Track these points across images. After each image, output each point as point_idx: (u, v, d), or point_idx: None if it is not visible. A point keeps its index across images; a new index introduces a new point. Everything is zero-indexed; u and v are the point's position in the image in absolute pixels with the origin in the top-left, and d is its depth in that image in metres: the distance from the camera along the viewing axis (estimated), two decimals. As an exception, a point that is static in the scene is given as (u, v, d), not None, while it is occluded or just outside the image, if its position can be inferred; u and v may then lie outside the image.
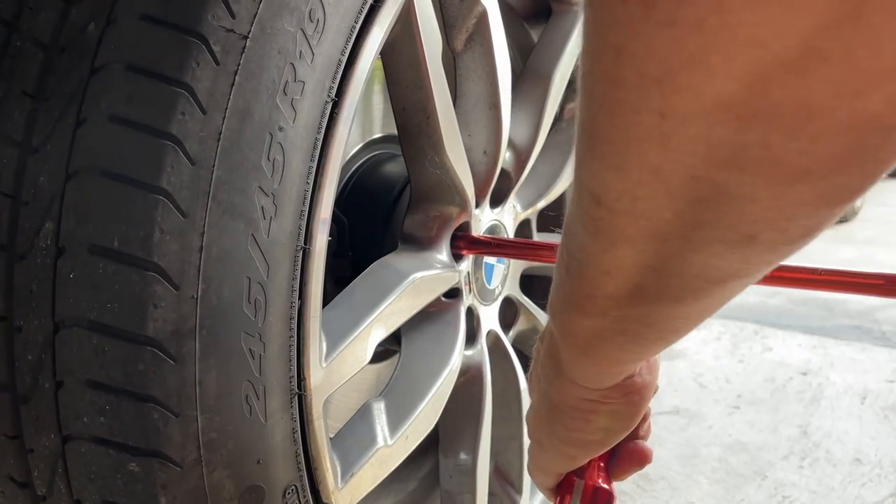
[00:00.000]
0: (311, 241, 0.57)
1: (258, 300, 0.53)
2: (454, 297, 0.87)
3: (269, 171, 0.52)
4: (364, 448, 0.69)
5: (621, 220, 0.29)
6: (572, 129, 1.09)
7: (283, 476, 0.57)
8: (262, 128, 0.52)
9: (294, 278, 0.55)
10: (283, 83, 0.53)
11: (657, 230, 0.29)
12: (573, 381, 0.44)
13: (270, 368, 0.54)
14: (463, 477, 0.89)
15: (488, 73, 0.82)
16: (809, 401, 1.85)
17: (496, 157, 0.87)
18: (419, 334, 0.84)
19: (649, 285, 0.32)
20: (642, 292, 0.33)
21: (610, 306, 0.35)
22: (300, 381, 0.58)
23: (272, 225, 0.53)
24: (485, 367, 0.91)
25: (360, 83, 0.61)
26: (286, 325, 0.55)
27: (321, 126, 0.56)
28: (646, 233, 0.29)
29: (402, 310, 0.72)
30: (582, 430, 0.47)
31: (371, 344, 0.67)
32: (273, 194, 0.53)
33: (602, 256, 0.32)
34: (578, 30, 0.99)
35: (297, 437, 0.58)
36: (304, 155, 0.55)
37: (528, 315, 1.03)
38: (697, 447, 1.60)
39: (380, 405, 0.74)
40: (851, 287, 0.68)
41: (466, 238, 0.86)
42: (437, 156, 0.75)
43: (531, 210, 1.01)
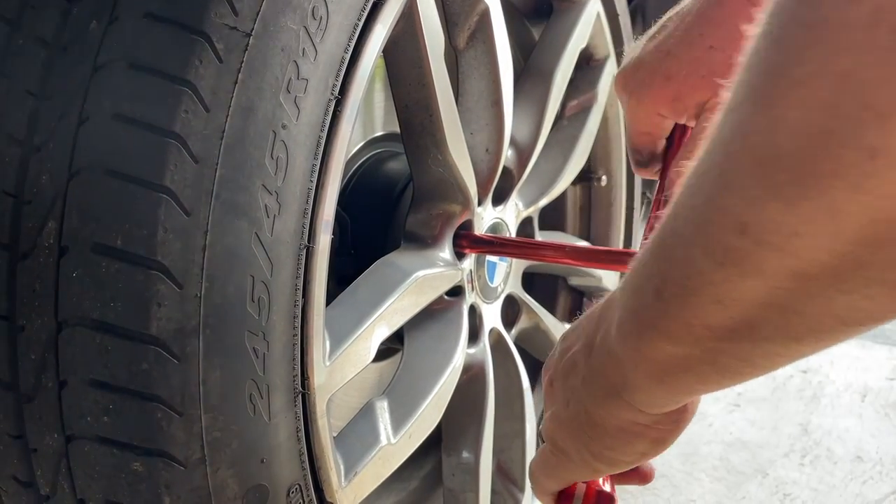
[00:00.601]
0: (314, 239, 0.57)
1: (262, 299, 0.52)
2: (457, 296, 0.87)
3: (273, 170, 0.52)
4: (367, 447, 0.68)
5: (766, 254, 0.27)
6: (573, 127, 1.09)
7: (287, 475, 0.57)
8: (266, 126, 0.51)
9: (297, 277, 0.55)
10: (286, 81, 0.52)
11: (804, 270, 0.27)
12: (630, 405, 0.42)
13: (274, 367, 0.54)
14: (466, 475, 0.89)
15: (490, 70, 0.82)
16: (810, 398, 1.85)
17: (498, 155, 0.87)
18: (422, 332, 0.84)
19: (766, 322, 0.30)
20: (753, 328, 0.31)
21: (708, 337, 0.33)
22: (304, 379, 0.58)
23: (276, 223, 0.53)
24: (487, 366, 0.91)
25: (364, 81, 0.61)
26: (290, 324, 0.55)
27: (324, 124, 0.56)
28: (790, 271, 0.27)
29: (405, 308, 0.72)
30: (623, 451, 0.46)
31: (374, 342, 0.67)
32: (277, 192, 0.52)
33: (721, 287, 0.30)
34: (580, 27, 0.99)
35: (300, 436, 0.58)
36: (307, 153, 0.54)
37: (530, 313, 1.03)
38: (698, 445, 1.60)
39: (383, 404, 0.74)
40: None
41: (469, 237, 0.85)
42: (440, 154, 0.75)
43: (533, 208, 1.00)
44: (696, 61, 0.62)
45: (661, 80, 0.64)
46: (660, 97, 0.65)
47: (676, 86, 0.63)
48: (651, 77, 0.64)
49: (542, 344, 1.08)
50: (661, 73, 0.64)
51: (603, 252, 0.79)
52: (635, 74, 0.66)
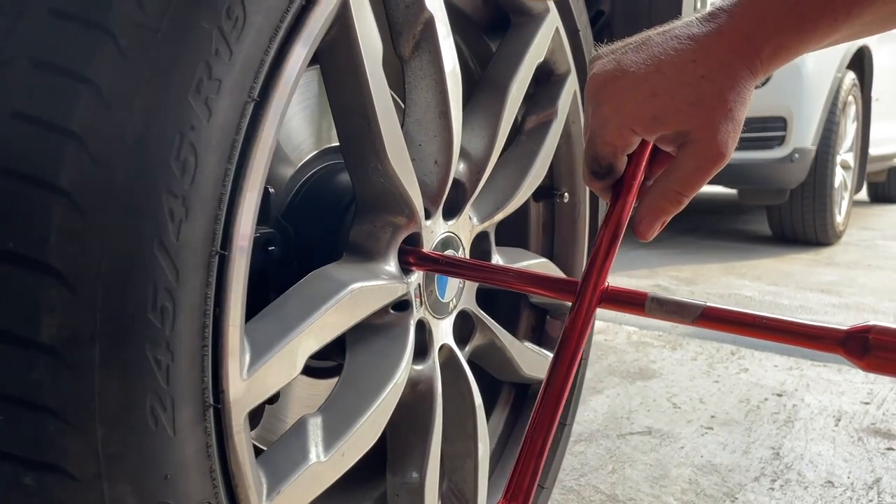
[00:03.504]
0: (229, 247, 0.55)
1: (165, 307, 0.50)
2: (404, 310, 0.85)
3: (179, 172, 0.50)
4: (294, 464, 0.66)
5: None
6: (532, 143, 1.07)
7: (196, 493, 0.54)
8: (172, 126, 0.49)
9: (209, 285, 0.53)
10: (196, 81, 0.50)
11: None
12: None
13: (180, 379, 0.52)
14: (411, 496, 0.86)
15: (437, 80, 0.81)
16: (783, 422, 1.83)
17: (448, 167, 0.85)
18: (365, 348, 0.81)
19: None
20: None
21: None
22: (217, 393, 0.56)
23: (182, 228, 0.50)
24: (436, 383, 0.88)
25: (289, 85, 0.59)
26: (199, 335, 0.53)
27: (240, 127, 0.54)
28: None
29: (338, 321, 0.70)
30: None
31: (300, 356, 0.65)
32: (183, 196, 0.50)
33: None
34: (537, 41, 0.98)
35: (211, 452, 0.55)
36: (220, 156, 0.52)
37: (485, 329, 1.01)
38: (668, 468, 1.58)
39: (316, 420, 0.72)
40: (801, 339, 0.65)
41: (416, 254, 0.83)
42: (380, 163, 0.73)
43: (489, 223, 0.98)
44: (685, 87, 0.61)
45: (646, 95, 0.62)
46: (640, 112, 0.63)
47: (660, 105, 0.62)
48: (635, 89, 0.63)
49: (499, 361, 1.06)
50: (646, 88, 0.62)
51: (550, 279, 0.77)
52: (616, 82, 0.64)
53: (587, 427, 1.77)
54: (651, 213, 0.69)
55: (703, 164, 0.65)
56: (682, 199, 0.68)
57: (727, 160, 0.65)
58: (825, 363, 2.25)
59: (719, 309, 0.68)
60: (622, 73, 0.64)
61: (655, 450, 1.66)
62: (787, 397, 1.99)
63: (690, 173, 0.66)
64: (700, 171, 0.65)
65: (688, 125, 0.63)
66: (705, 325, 0.69)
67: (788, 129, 4.11)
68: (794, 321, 0.66)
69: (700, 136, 0.63)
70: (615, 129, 0.66)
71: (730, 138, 0.64)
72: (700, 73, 0.61)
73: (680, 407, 1.91)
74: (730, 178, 4.32)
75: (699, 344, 2.43)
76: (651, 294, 0.71)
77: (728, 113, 0.62)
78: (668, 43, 0.63)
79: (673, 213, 0.70)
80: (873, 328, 0.64)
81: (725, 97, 0.62)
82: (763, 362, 2.27)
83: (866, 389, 2.04)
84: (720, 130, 0.63)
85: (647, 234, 0.71)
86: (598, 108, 0.67)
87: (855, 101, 4.68)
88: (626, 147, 0.68)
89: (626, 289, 0.72)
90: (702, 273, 3.62)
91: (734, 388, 2.05)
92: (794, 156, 4.12)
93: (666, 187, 0.68)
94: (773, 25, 0.59)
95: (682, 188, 0.67)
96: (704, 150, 0.64)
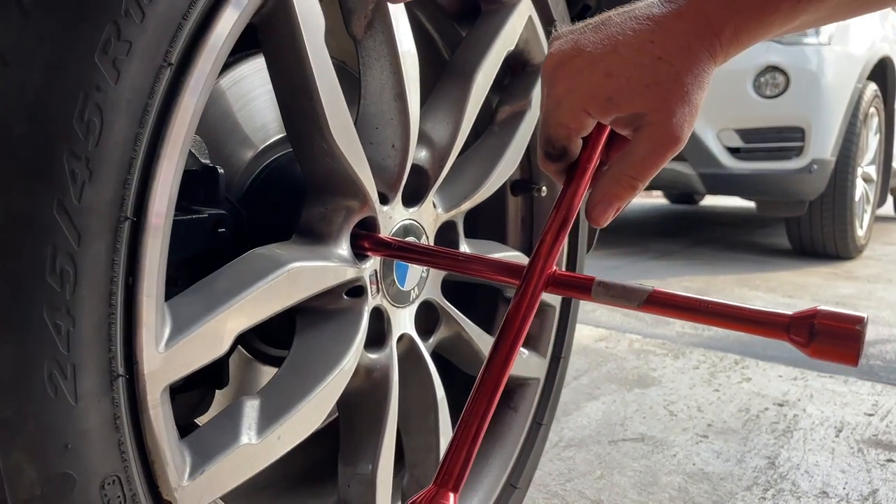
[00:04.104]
0: (143, 214, 0.54)
1: (66, 271, 0.49)
2: (358, 296, 0.83)
3: (83, 133, 0.49)
4: (223, 445, 0.64)
5: None
6: (504, 133, 1.06)
7: (101, 465, 0.53)
8: (75, 86, 0.48)
9: (116, 252, 0.52)
10: (102, 41, 0.50)
11: None
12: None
13: (82, 346, 0.50)
14: (362, 487, 0.84)
15: (391, 62, 0.79)
16: (782, 432, 1.78)
17: (406, 151, 0.84)
18: (315, 332, 0.80)
19: None
20: None
21: None
22: (130, 364, 0.55)
23: (85, 191, 0.49)
24: (392, 372, 0.87)
25: (215, 53, 0.58)
26: (104, 302, 0.52)
27: (154, 91, 0.53)
28: None
29: (273, 301, 0.68)
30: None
31: (228, 333, 0.63)
32: (87, 158, 0.49)
33: None
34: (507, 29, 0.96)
35: (121, 424, 0.54)
36: (129, 120, 0.51)
37: (450, 321, 0.99)
38: (658, 475, 1.54)
39: (253, 402, 0.70)
40: (746, 324, 0.63)
41: (370, 238, 0.82)
42: (325, 142, 0.72)
43: (455, 212, 0.97)
44: (642, 68, 0.59)
45: (601, 76, 0.60)
46: (594, 93, 0.61)
47: (615, 86, 0.60)
48: (590, 69, 0.61)
49: (466, 355, 1.04)
50: (602, 68, 0.60)
51: (500, 263, 0.75)
52: (572, 62, 0.62)
53: (579, 433, 1.74)
54: (604, 199, 0.67)
55: (658, 149, 0.62)
56: (637, 184, 0.66)
57: (683, 144, 0.63)
58: (831, 374, 2.20)
59: (665, 293, 0.66)
60: (578, 52, 0.63)
61: (647, 457, 1.63)
62: (789, 407, 1.94)
63: (645, 158, 0.64)
64: (655, 156, 0.63)
65: (643, 107, 0.61)
66: (651, 311, 0.67)
67: (806, 140, 4.04)
68: (740, 306, 0.64)
69: (655, 120, 0.61)
70: (569, 110, 0.64)
71: (685, 122, 0.62)
72: (657, 54, 0.59)
73: (676, 415, 1.87)
74: (747, 188, 4.26)
75: (703, 353, 2.38)
76: (598, 279, 0.69)
77: (684, 96, 0.60)
78: (627, 23, 0.61)
79: (627, 199, 0.68)
80: (819, 313, 0.61)
81: (682, 80, 0.60)
82: (767, 372, 2.22)
83: (871, 401, 1.98)
84: (675, 114, 0.61)
85: (600, 221, 0.69)
86: (552, 88, 0.65)
87: (877, 113, 4.60)
88: (580, 129, 0.66)
89: (573, 273, 0.70)
90: (714, 284, 3.56)
91: (734, 397, 2.00)
92: (812, 167, 4.05)
93: (620, 172, 0.66)
94: (734, 7, 0.57)
95: (636, 173, 0.65)
96: (659, 134, 0.62)
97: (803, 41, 4.05)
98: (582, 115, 0.64)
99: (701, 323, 0.65)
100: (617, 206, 0.68)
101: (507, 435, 1.15)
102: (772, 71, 4.04)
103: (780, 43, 4.06)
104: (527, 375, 1.15)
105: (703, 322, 0.65)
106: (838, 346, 0.59)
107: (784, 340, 0.62)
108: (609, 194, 0.66)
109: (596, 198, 0.68)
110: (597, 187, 0.68)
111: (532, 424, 1.18)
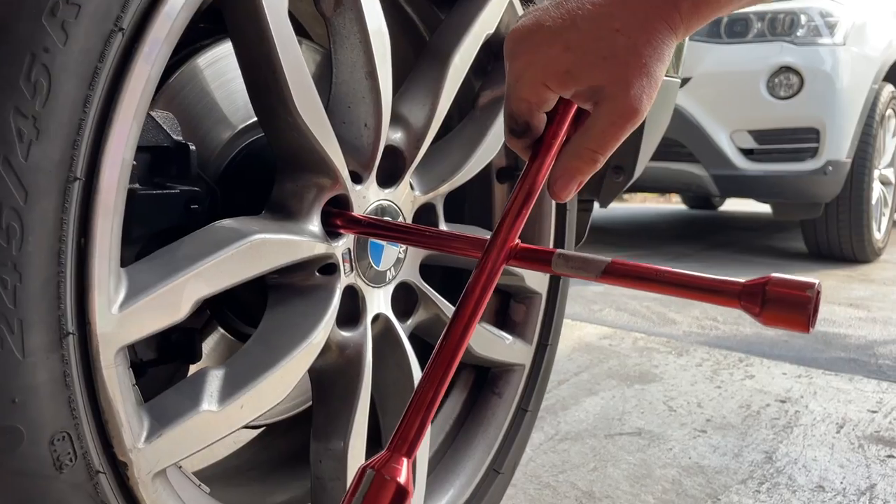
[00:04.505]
0: (95, 175, 0.55)
1: (11, 227, 0.50)
2: (330, 274, 0.84)
3: (30, 93, 0.50)
4: (182, 410, 0.65)
5: None
6: (485, 118, 1.06)
7: (50, 421, 0.54)
8: (22, 46, 0.50)
9: (65, 211, 0.53)
10: (51, 3, 0.51)
11: None
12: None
13: (29, 302, 0.52)
14: (333, 462, 0.85)
15: (361, 39, 0.80)
16: (782, 427, 1.77)
17: (378, 130, 0.84)
18: (285, 308, 0.81)
19: None
20: None
21: None
22: (83, 324, 0.56)
23: (32, 149, 0.51)
24: (365, 350, 0.87)
25: (170, 21, 0.59)
26: (52, 260, 0.53)
27: (104, 55, 0.54)
28: None
29: (235, 270, 0.69)
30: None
31: (186, 299, 0.64)
32: (34, 117, 0.51)
33: None
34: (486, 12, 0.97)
35: (71, 382, 0.55)
36: (78, 82, 0.53)
37: (429, 304, 0.99)
38: (652, 468, 1.53)
39: (218, 372, 0.71)
40: (700, 293, 0.63)
41: (342, 216, 0.83)
42: (290, 116, 0.73)
43: (433, 194, 0.97)
44: (599, 41, 0.60)
45: (559, 50, 0.61)
46: (552, 66, 0.62)
47: (573, 59, 0.61)
48: (549, 43, 0.61)
49: (446, 338, 1.04)
50: (560, 42, 0.61)
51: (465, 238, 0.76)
52: (532, 37, 0.63)
53: (575, 427, 1.74)
54: (566, 174, 0.67)
55: (618, 121, 0.63)
56: (598, 157, 0.66)
57: (642, 117, 0.63)
58: (836, 372, 2.17)
59: (623, 263, 0.66)
60: (538, 28, 0.63)
61: (642, 450, 1.62)
62: (791, 404, 1.92)
63: (604, 130, 0.64)
64: (614, 128, 0.63)
65: (601, 80, 0.61)
66: (610, 281, 0.67)
67: (821, 141, 4.01)
68: (695, 274, 0.64)
69: (613, 92, 0.61)
70: (529, 85, 0.65)
71: (644, 94, 0.62)
72: (615, 26, 0.60)
73: (675, 410, 1.86)
74: (760, 190, 4.23)
75: (707, 351, 2.36)
76: (559, 251, 0.69)
77: (642, 68, 0.61)
78: None
79: (588, 172, 0.68)
80: (771, 280, 0.61)
81: (640, 52, 0.60)
82: (771, 370, 2.19)
83: (876, 398, 1.96)
84: (633, 85, 0.61)
85: (562, 195, 0.69)
86: (512, 63, 0.65)
87: (895, 115, 4.55)
88: (542, 104, 0.66)
89: (535, 247, 0.70)
90: (725, 285, 3.53)
91: (736, 393, 1.99)
92: (827, 168, 4.02)
93: (580, 146, 0.66)
94: None
95: (596, 146, 0.65)
96: (618, 106, 0.62)
97: (818, 41, 4.02)
98: (542, 90, 0.64)
99: (658, 292, 0.65)
100: (579, 179, 0.68)
101: (490, 420, 1.15)
102: (785, 72, 4.02)
103: (793, 43, 4.03)
104: (511, 361, 1.15)
105: (660, 291, 0.65)
106: (789, 313, 0.59)
107: (737, 308, 0.62)
108: (570, 168, 0.67)
109: (557, 172, 0.68)
110: (558, 162, 0.68)
111: (517, 410, 1.17)
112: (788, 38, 4.06)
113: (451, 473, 1.09)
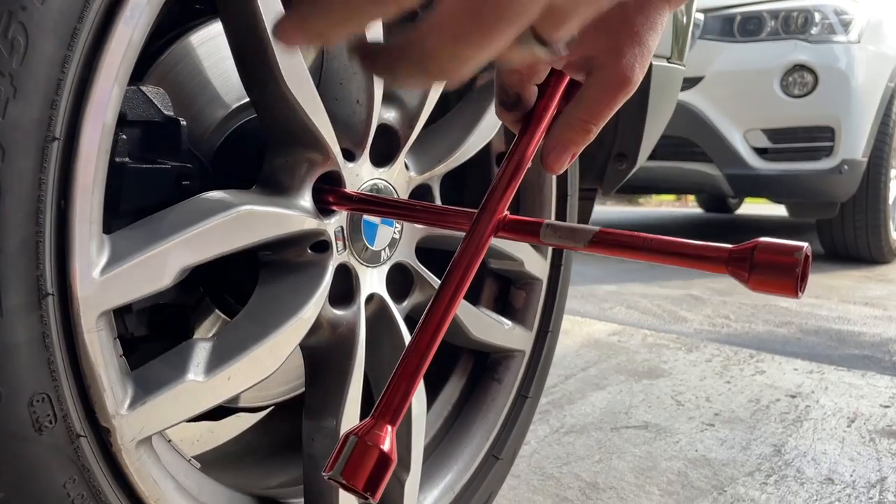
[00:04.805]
0: (76, 137, 0.55)
1: (-12, 184, 0.50)
2: (323, 251, 0.83)
3: (7, 50, 0.50)
4: (168, 379, 0.65)
5: None
6: (483, 100, 1.05)
7: (28, 381, 0.54)
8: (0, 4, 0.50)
9: (43, 171, 0.53)
10: (28, -38, 0.51)
11: None
12: None
13: (7, 260, 0.52)
14: (325, 440, 0.84)
15: (352, 14, 0.80)
16: (792, 422, 1.74)
17: (370, 108, 0.84)
18: (276, 284, 0.80)
19: None
20: None
21: None
22: (63, 286, 0.56)
23: (9, 107, 0.51)
24: (358, 329, 0.87)
25: (152, -13, 0.59)
26: (30, 219, 0.53)
27: (82, 16, 0.54)
28: None
29: (221, 240, 0.69)
30: None
31: (171, 267, 0.64)
32: (11, 75, 0.51)
33: None
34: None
35: (50, 343, 0.55)
36: (56, 41, 0.53)
37: (424, 286, 0.99)
38: (658, 460, 1.52)
39: (205, 344, 0.71)
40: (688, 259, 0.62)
41: (334, 192, 0.82)
42: (277, 87, 0.73)
43: (429, 175, 0.97)
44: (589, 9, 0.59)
45: None
46: None
47: None
48: (536, 10, 0.61)
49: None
50: None
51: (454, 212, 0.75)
52: None
53: (581, 420, 1.72)
54: (559, 145, 0.67)
55: (610, 90, 0.62)
56: (590, 128, 0.66)
57: (635, 86, 0.63)
58: (849, 367, 2.15)
59: (611, 232, 0.65)
60: None
61: (648, 443, 1.60)
62: (802, 399, 1.90)
63: (597, 100, 0.63)
64: (607, 97, 0.63)
65: (592, 50, 0.61)
66: (598, 250, 0.66)
67: (836, 140, 3.97)
68: (683, 241, 0.63)
69: (604, 61, 0.61)
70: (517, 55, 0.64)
71: (636, 63, 0.61)
72: None
73: (683, 404, 1.84)
74: (774, 189, 4.19)
75: (717, 347, 2.34)
76: (547, 221, 0.68)
77: (634, 36, 0.60)
78: None
79: (582, 144, 0.67)
80: (759, 245, 0.60)
81: (632, 20, 0.60)
82: (783, 365, 2.17)
83: (889, 393, 1.93)
84: (625, 55, 0.60)
85: (555, 167, 0.68)
86: None
87: (912, 114, 4.50)
88: (532, 75, 0.66)
89: (523, 218, 0.70)
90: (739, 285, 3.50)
91: (746, 388, 1.96)
92: (842, 167, 3.98)
93: (573, 116, 0.65)
94: None
95: (588, 116, 0.65)
96: (609, 75, 0.61)
97: (832, 39, 3.99)
98: None
99: (646, 260, 0.64)
100: (572, 151, 0.67)
101: (490, 406, 1.14)
102: (799, 70, 3.98)
103: (807, 41, 4.00)
104: (511, 347, 1.15)
105: (649, 259, 0.64)
106: (778, 277, 0.58)
107: (725, 273, 0.61)
108: (563, 139, 0.66)
109: (550, 144, 0.67)
110: (550, 133, 0.68)
111: (517, 397, 1.17)
112: (802, 36, 4.03)
113: (449, 458, 1.08)
